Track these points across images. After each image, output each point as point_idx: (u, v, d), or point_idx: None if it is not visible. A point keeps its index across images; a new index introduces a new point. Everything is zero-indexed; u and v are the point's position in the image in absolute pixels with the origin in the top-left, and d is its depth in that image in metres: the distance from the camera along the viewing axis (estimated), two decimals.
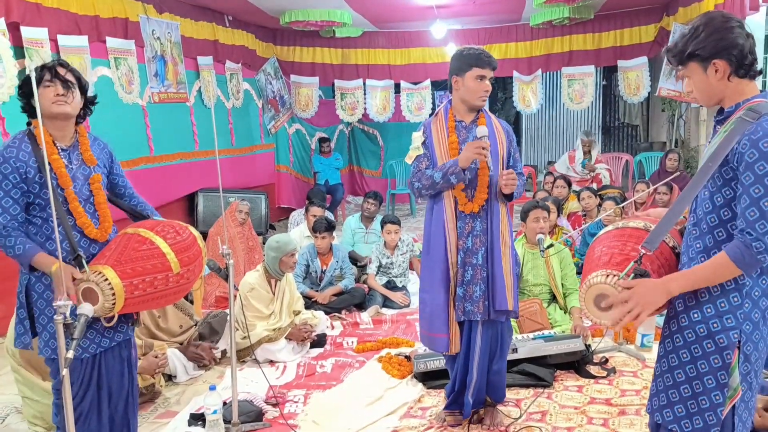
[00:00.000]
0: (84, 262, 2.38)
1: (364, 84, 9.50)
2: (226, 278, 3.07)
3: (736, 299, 1.83)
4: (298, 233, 6.06)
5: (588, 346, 4.05)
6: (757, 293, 1.84)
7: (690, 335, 1.89)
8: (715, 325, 1.84)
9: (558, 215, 5.48)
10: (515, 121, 13.17)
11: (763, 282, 1.84)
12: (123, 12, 6.20)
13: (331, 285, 5.44)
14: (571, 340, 3.96)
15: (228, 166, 8.18)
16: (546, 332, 4.26)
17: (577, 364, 3.96)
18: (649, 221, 2.19)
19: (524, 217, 4.65)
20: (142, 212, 2.77)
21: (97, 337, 2.54)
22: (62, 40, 5.34)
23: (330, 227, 5.46)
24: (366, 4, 7.76)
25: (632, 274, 1.92)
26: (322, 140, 10.10)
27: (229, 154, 8.30)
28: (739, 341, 1.82)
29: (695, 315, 1.88)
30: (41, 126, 2.21)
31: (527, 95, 9.18)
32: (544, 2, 7.38)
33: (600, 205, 6.17)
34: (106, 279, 2.30)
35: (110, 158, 2.69)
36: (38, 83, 2.39)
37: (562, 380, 3.86)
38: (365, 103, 9.55)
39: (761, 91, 1.90)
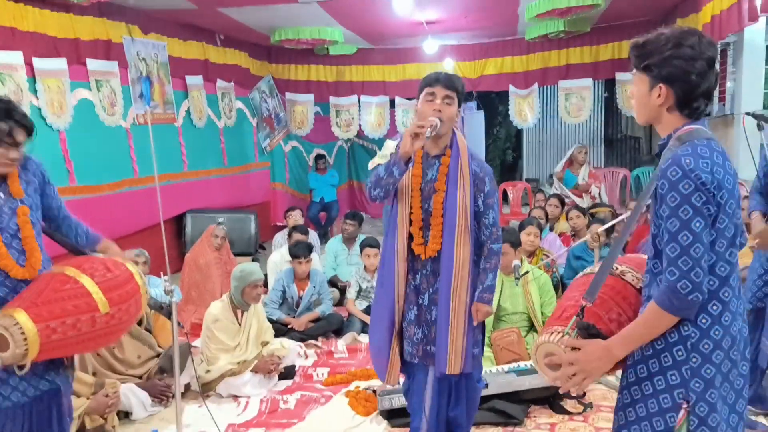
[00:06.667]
0: None
1: (359, 100, 9.41)
2: (169, 316, 2.96)
3: (680, 353, 1.64)
4: (279, 256, 5.93)
5: None
6: (706, 346, 1.63)
7: (636, 392, 1.73)
8: (659, 382, 1.67)
9: (540, 238, 5.30)
10: (516, 134, 12.98)
11: (716, 333, 1.63)
12: (105, 34, 6.12)
13: (309, 311, 5.30)
14: None
15: (219, 185, 8.11)
16: (522, 364, 4.08)
17: (552, 398, 3.78)
18: (623, 263, 2.00)
19: None
20: (80, 247, 2.65)
21: (21, 385, 2.40)
22: (38, 63, 5.26)
23: (310, 250, 5.35)
24: (356, 22, 7.68)
25: (575, 330, 1.78)
26: (318, 157, 10.02)
27: (221, 173, 8.24)
28: (687, 401, 1.64)
29: (641, 370, 1.72)
30: None
31: (524, 109, 9.03)
32: (536, 16, 7.23)
33: (589, 224, 5.97)
34: (17, 323, 2.17)
35: (42, 179, 2.53)
36: None
37: (534, 417, 3.68)
38: (360, 120, 9.45)
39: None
